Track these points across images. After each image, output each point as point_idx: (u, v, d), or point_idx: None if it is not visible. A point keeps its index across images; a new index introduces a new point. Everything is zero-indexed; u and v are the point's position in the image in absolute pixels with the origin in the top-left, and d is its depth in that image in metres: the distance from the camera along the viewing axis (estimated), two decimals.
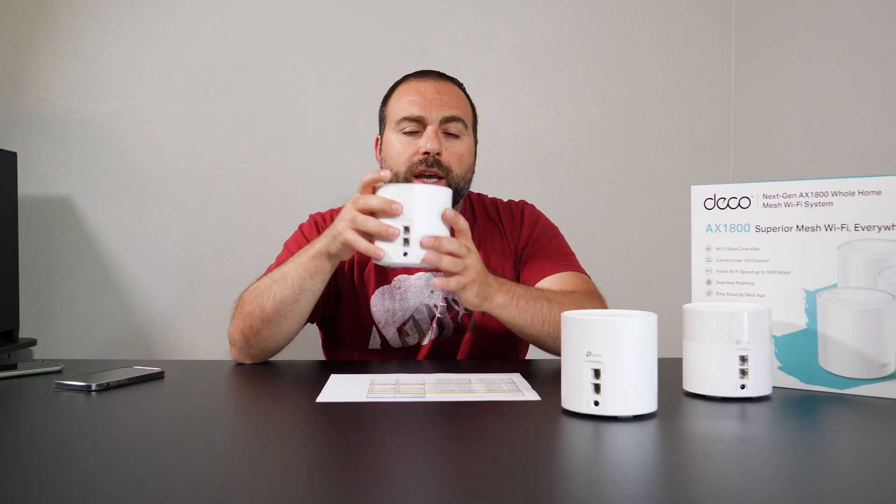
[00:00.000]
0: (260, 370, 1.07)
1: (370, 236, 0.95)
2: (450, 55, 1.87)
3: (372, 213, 0.95)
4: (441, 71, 1.30)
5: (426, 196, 0.95)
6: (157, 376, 0.97)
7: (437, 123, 1.21)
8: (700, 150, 1.94)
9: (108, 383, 0.90)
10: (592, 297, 1.17)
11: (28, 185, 1.78)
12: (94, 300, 1.81)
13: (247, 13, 1.83)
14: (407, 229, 0.93)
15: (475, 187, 1.46)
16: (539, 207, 1.95)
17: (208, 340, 1.81)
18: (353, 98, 1.84)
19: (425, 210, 0.94)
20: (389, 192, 0.94)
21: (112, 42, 1.80)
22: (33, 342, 1.75)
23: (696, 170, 1.93)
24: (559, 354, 1.11)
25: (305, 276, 1.04)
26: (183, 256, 1.82)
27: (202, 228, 1.82)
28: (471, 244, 1.00)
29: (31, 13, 1.78)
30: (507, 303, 1.05)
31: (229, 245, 1.82)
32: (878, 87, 1.45)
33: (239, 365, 1.10)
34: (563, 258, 1.26)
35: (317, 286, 1.06)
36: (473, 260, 0.99)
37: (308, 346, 1.39)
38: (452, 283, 0.98)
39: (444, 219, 0.96)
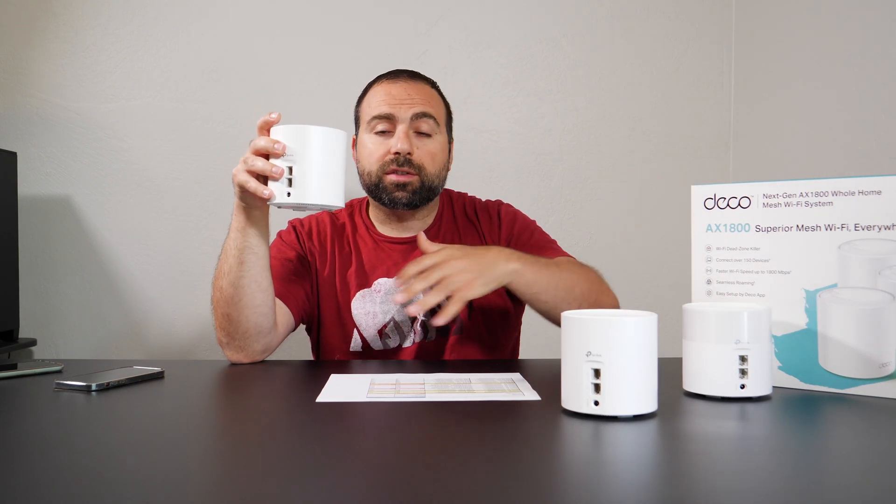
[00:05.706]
0: (260, 370, 1.07)
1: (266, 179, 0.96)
2: (450, 55, 1.87)
3: (268, 156, 0.96)
4: (415, 70, 1.31)
5: (310, 136, 0.94)
6: (157, 376, 0.97)
7: (408, 122, 1.21)
8: (700, 150, 1.94)
9: (108, 383, 0.90)
10: (584, 265, 1.18)
11: (28, 185, 1.78)
12: (94, 300, 1.81)
13: (247, 13, 1.83)
14: (292, 170, 0.94)
15: (472, 187, 1.46)
16: (539, 208, 1.95)
17: (208, 340, 1.81)
18: (353, 98, 1.84)
19: (310, 150, 0.94)
20: (278, 133, 0.95)
21: (112, 42, 1.80)
22: (33, 342, 1.75)
23: (696, 170, 1.93)
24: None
25: (236, 237, 1.05)
26: (183, 256, 1.82)
27: (202, 228, 1.82)
28: (435, 247, 1.02)
29: (31, 13, 1.78)
30: (521, 268, 1.05)
31: None
32: (878, 87, 1.45)
33: (238, 365, 1.10)
34: (548, 247, 1.28)
35: (253, 243, 1.05)
36: (447, 254, 1.01)
37: (308, 347, 1.39)
38: (451, 310, 0.98)
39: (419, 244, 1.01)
